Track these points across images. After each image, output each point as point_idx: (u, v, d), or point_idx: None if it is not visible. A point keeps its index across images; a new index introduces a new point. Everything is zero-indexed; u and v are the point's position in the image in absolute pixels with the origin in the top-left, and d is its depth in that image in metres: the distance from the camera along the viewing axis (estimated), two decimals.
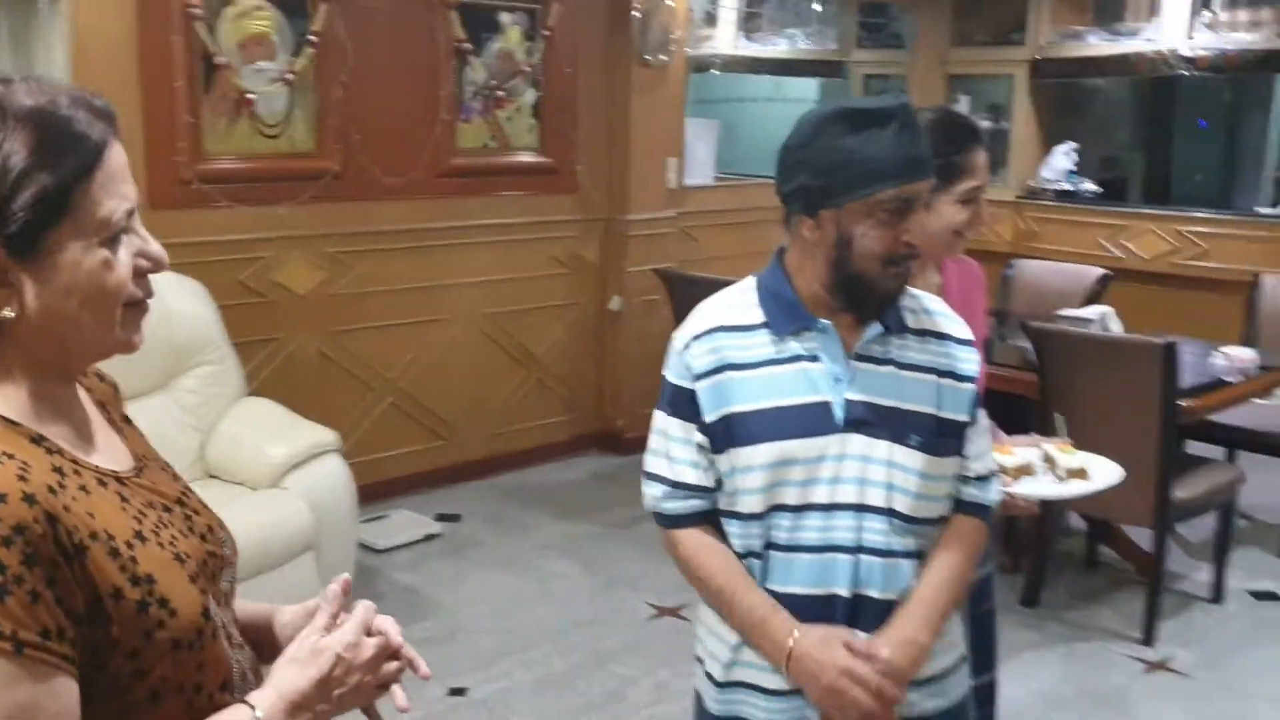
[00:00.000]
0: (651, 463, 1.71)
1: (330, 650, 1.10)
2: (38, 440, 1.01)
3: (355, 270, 4.63)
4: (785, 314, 1.64)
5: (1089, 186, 6.69)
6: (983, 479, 1.73)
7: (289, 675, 1.09)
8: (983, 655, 2.21)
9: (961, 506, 1.72)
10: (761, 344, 1.63)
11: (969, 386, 1.70)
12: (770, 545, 1.63)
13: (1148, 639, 3.78)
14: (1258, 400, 4.48)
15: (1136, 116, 8.17)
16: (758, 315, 1.65)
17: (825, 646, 1.56)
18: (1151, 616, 3.80)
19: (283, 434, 3.65)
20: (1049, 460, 2.18)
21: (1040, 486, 2.13)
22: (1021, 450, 2.17)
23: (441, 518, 4.73)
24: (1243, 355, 4.20)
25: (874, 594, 1.61)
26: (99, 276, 1.02)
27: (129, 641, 0.99)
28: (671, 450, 1.67)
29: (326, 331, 4.59)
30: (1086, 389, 3.72)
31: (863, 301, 1.61)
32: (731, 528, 1.66)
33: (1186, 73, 6.10)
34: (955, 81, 7.10)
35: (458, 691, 3.40)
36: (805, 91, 8.67)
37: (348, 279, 4.62)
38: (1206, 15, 5.99)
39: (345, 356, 4.67)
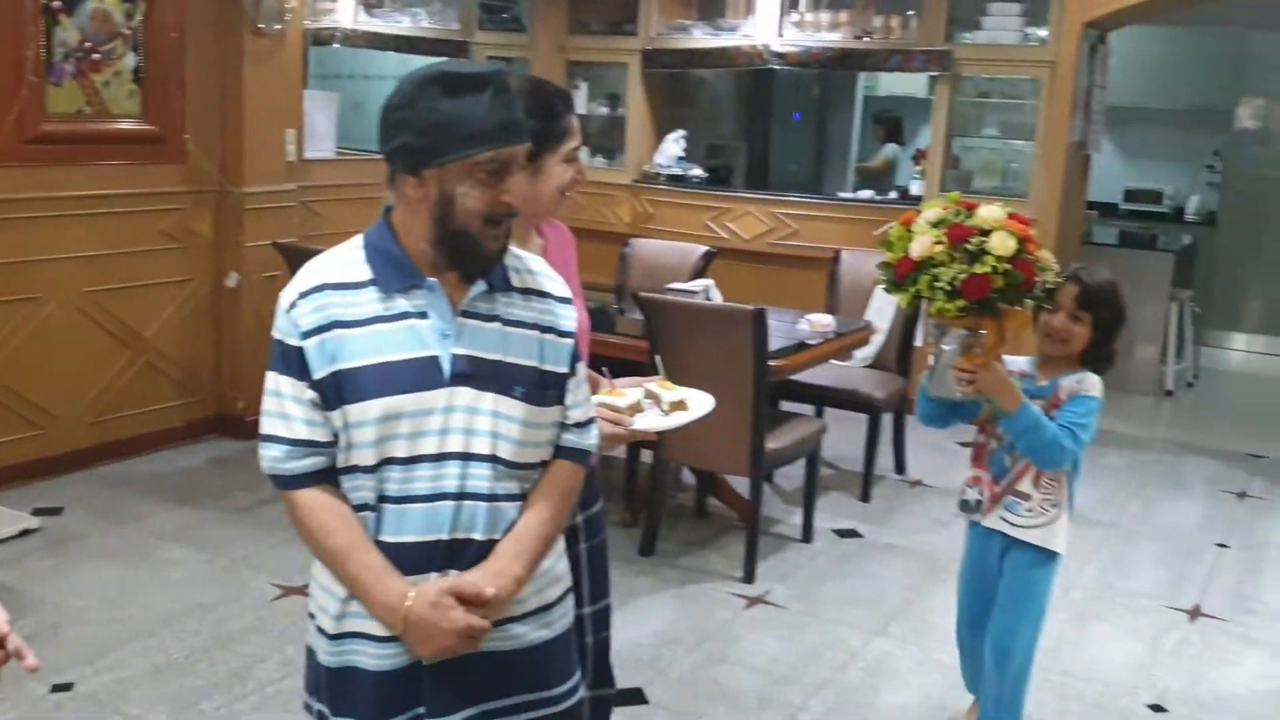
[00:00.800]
0: (267, 424, 1.69)
1: None
2: None
3: None
4: (394, 271, 1.68)
5: (697, 172, 7.17)
6: (581, 426, 1.85)
7: None
8: (599, 583, 2.38)
9: (562, 452, 1.82)
10: (369, 301, 1.67)
11: (569, 341, 1.81)
12: (383, 498, 1.68)
13: (749, 577, 4.15)
14: (837, 362, 5.03)
15: (739, 107, 8.82)
16: (365, 273, 1.68)
17: (437, 609, 1.63)
18: (751, 557, 4.18)
19: None
20: (653, 396, 2.36)
21: (653, 420, 2.31)
22: (630, 391, 2.34)
23: (39, 512, 4.37)
24: (823, 321, 4.70)
25: (478, 536, 1.69)
26: None
27: None
28: (286, 408, 1.67)
29: None
30: (690, 353, 4.02)
31: (465, 259, 1.68)
32: (347, 483, 1.69)
33: (778, 67, 6.69)
34: (574, 68, 7.38)
35: (62, 688, 3.16)
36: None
37: None
38: (795, 15, 6.59)
39: None
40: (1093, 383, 2.72)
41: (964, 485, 2.91)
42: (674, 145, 7.15)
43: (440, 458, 1.66)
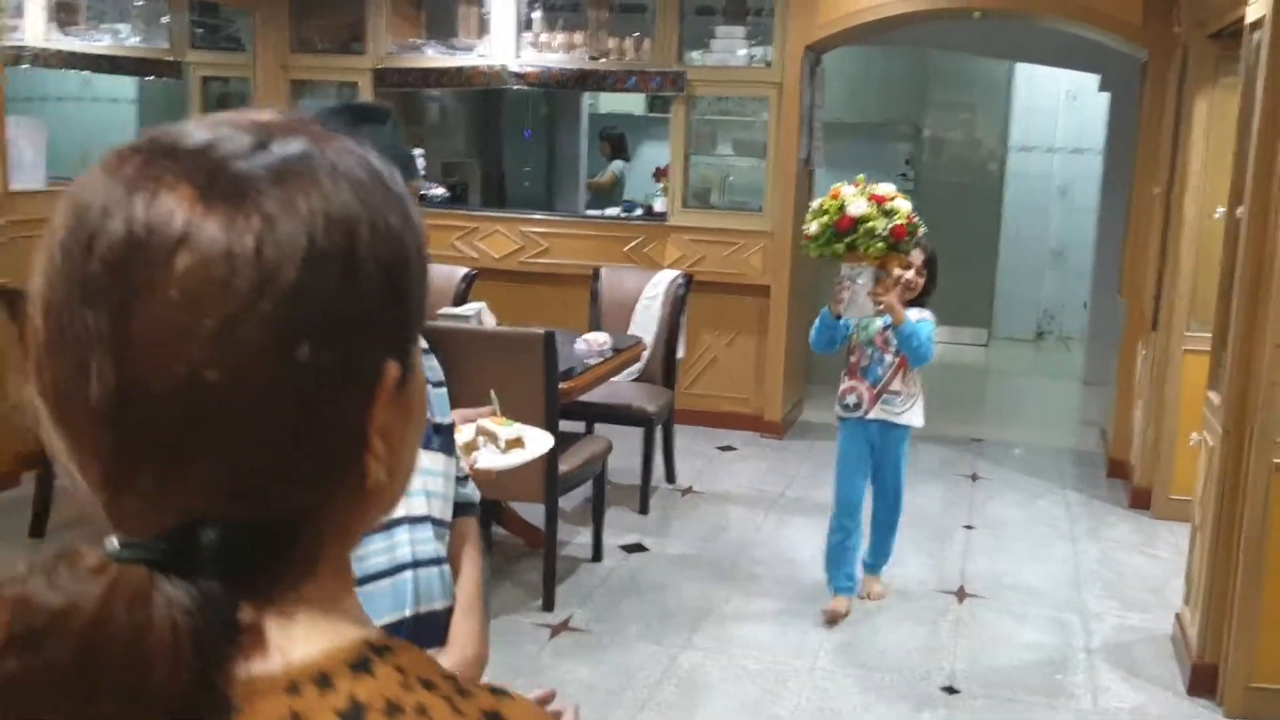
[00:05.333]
0: None
1: None
2: None
3: None
4: None
5: (439, 191, 7.05)
6: (465, 478, 1.78)
7: None
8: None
9: (459, 508, 1.73)
10: None
11: (443, 390, 1.73)
12: None
13: (548, 605, 4.12)
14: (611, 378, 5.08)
15: (470, 125, 8.75)
16: None
17: None
18: (550, 584, 4.15)
19: None
20: (487, 433, 2.29)
21: (492, 459, 2.23)
22: (464, 427, 2.26)
23: None
24: (599, 339, 4.74)
25: (438, 606, 1.58)
26: None
27: None
28: None
29: None
30: (480, 380, 3.93)
31: None
32: None
33: (519, 86, 6.68)
34: (299, 87, 7.06)
35: None
36: (123, 91, 8.03)
37: None
38: (529, 35, 6.60)
39: None
40: (928, 313, 3.99)
41: (841, 395, 4.03)
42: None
43: (389, 526, 1.53)
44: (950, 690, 3.66)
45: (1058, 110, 9.78)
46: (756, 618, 4.12)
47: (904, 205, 3.72)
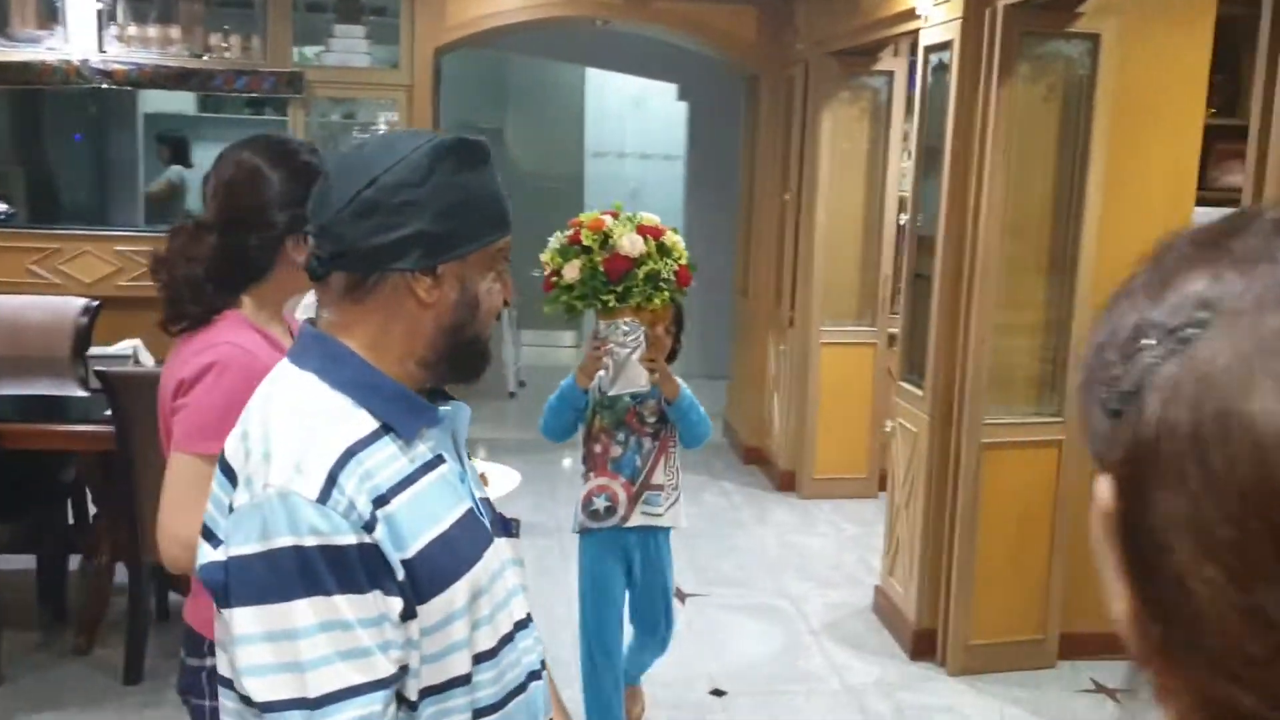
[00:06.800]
0: (328, 677, 1.09)
1: None
2: None
3: None
4: (405, 411, 1.22)
5: (3, 208, 5.98)
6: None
7: None
8: None
9: None
10: (393, 458, 1.19)
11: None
12: (479, 713, 1.23)
13: None
14: None
15: (6, 128, 7.51)
16: (367, 421, 1.19)
17: None
18: None
19: None
20: None
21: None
22: None
23: None
24: None
25: None
26: None
27: None
28: (358, 640, 1.11)
29: None
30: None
31: (468, 373, 1.29)
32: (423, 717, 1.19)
33: (106, 85, 5.82)
34: None
35: None
36: None
37: None
38: (114, 28, 5.79)
39: None
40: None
41: (588, 498, 2.97)
42: None
43: (513, 635, 1.30)
44: (718, 693, 3.73)
45: (626, 116, 10.27)
46: None
47: (679, 240, 2.89)
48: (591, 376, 2.91)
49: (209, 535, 1.19)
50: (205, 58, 5.89)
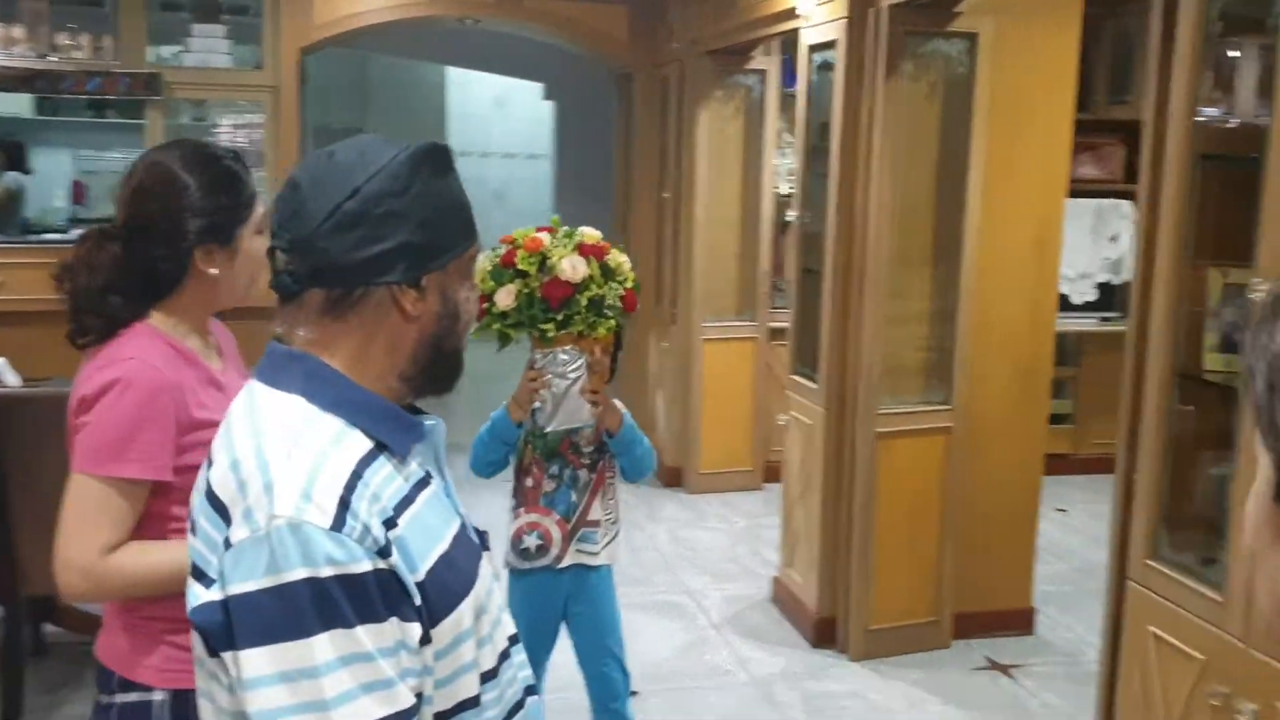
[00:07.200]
0: (356, 713, 1.03)
1: None
2: None
3: None
4: (397, 428, 1.17)
5: None
6: None
7: None
8: None
9: None
10: (390, 477, 1.14)
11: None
12: None
13: None
14: None
15: None
16: (361, 441, 1.13)
17: None
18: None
19: None
20: None
21: None
22: None
23: None
24: None
25: None
26: None
27: None
28: (380, 672, 1.04)
29: None
30: (54, 455, 3.21)
31: (442, 383, 1.25)
32: None
33: None
34: None
35: None
36: None
37: None
38: None
39: None
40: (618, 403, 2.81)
41: (518, 535, 2.75)
42: None
43: (508, 651, 1.27)
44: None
45: (489, 116, 10.19)
46: None
47: (624, 260, 2.71)
48: (526, 409, 2.67)
49: (199, 575, 1.11)
50: (54, 58, 5.59)
